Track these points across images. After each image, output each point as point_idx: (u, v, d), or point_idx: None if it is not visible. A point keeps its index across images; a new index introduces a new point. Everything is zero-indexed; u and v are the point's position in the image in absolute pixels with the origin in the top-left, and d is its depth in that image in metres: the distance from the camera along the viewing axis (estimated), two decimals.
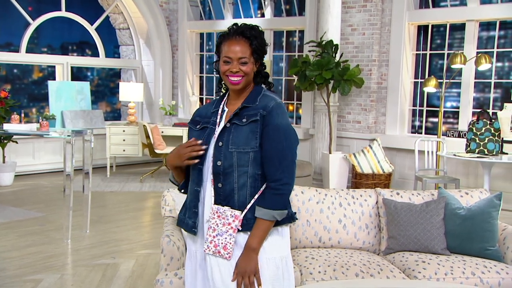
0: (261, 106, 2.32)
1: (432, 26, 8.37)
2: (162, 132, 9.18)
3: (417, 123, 8.68)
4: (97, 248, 5.32)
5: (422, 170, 7.21)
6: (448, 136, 7.78)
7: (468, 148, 6.67)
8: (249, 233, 2.30)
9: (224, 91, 2.50)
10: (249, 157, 2.29)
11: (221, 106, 2.43)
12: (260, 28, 2.39)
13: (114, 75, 11.94)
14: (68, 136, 5.42)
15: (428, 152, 7.11)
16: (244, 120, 2.30)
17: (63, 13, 10.02)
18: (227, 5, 10.42)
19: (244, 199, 2.31)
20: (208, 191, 2.35)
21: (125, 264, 4.85)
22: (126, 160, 10.32)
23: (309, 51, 8.16)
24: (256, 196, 2.31)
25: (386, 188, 7.20)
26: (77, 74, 10.89)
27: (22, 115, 5.65)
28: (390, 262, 3.69)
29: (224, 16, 10.54)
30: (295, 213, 2.50)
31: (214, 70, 2.47)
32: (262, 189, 2.32)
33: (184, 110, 10.87)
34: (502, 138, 6.68)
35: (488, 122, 6.61)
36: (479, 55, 7.09)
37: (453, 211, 3.79)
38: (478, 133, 6.60)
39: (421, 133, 8.54)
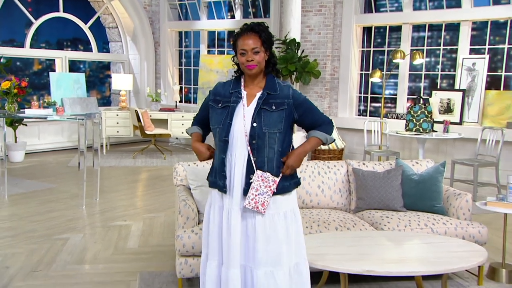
0: (283, 95, 2.48)
1: (375, 27, 8.61)
2: (151, 116, 9.15)
3: (362, 107, 8.94)
4: (109, 213, 5.35)
5: (369, 145, 7.47)
6: (389, 118, 8.07)
7: (407, 127, 6.97)
8: (281, 195, 2.48)
9: (237, 75, 2.58)
10: (276, 136, 2.44)
11: (241, 88, 2.52)
12: (266, 24, 2.52)
13: (103, 67, 11.74)
14: (82, 119, 5.40)
15: (374, 131, 7.37)
16: (274, 107, 2.45)
17: (61, 13, 9.81)
18: (202, 7, 10.38)
19: (272, 170, 2.46)
20: (239, 160, 2.45)
21: (135, 225, 4.92)
22: (117, 140, 10.22)
23: (275, 47, 8.25)
24: (280, 168, 2.48)
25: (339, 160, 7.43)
26: (71, 66, 10.66)
27: (41, 101, 5.58)
28: (360, 218, 3.90)
29: (200, 17, 10.49)
30: (299, 178, 2.65)
31: (233, 62, 2.58)
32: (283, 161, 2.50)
33: (167, 97, 10.82)
34: (433, 119, 7.00)
35: (423, 106, 6.92)
36: (414, 51, 7.34)
37: (408, 177, 4.02)
38: (415, 115, 6.90)
39: (365, 115, 8.80)
